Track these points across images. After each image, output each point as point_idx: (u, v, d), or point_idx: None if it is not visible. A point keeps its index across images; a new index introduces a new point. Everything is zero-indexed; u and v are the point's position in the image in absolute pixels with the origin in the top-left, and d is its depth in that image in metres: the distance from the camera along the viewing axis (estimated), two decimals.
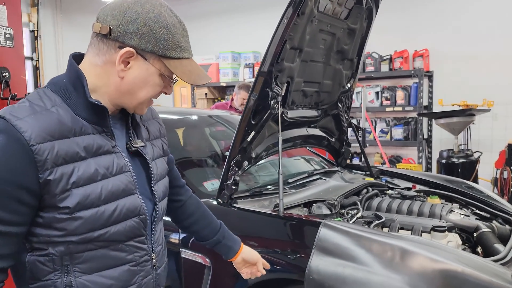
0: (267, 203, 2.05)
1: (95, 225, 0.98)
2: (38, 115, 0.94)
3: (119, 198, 1.01)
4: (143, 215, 1.07)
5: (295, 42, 2.07)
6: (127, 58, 0.99)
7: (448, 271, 1.44)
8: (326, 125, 2.83)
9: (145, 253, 1.09)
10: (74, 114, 0.99)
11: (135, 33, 0.97)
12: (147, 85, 1.03)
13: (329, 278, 1.50)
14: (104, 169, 1.00)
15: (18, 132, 0.90)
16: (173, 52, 1.01)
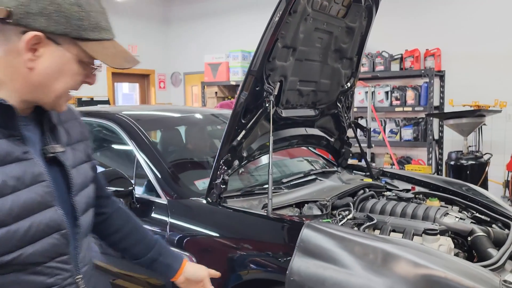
0: (256, 203, 2.04)
1: (7, 247, 0.83)
2: None
3: (35, 213, 0.87)
4: (64, 230, 0.93)
5: (288, 41, 2.05)
6: (34, 44, 0.84)
7: (431, 276, 1.40)
8: (325, 124, 2.80)
9: (69, 275, 0.95)
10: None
11: (40, 13, 0.83)
12: (64, 74, 0.89)
13: (309, 280, 1.48)
14: (14, 180, 0.84)
15: None
16: (90, 33, 0.88)
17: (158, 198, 2.07)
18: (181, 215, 1.95)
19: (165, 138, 2.75)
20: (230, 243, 1.79)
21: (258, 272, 1.69)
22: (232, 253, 1.75)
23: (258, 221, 1.81)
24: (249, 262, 1.70)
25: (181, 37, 8.19)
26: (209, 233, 1.85)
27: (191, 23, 7.99)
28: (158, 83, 8.31)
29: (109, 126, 2.48)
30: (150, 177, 2.13)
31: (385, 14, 6.00)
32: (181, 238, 1.89)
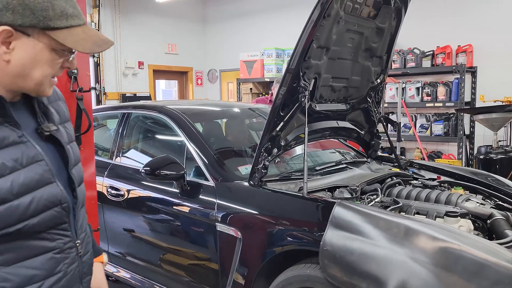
0: (293, 186, 2.28)
1: (11, 220, 0.91)
2: None
3: (35, 190, 0.94)
4: (65, 204, 1.01)
5: (322, 42, 2.27)
6: (6, 38, 0.89)
7: (447, 248, 1.60)
8: (356, 118, 3.00)
9: (69, 239, 1.03)
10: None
11: (5, 8, 0.87)
12: (39, 63, 0.94)
13: (340, 249, 1.72)
14: (12, 161, 0.91)
15: None
16: (57, 21, 0.91)
17: (206, 181, 2.35)
18: (227, 196, 2.23)
19: (209, 129, 3.03)
20: (270, 219, 2.05)
21: (294, 244, 1.94)
22: (271, 228, 2.01)
23: (295, 201, 2.06)
24: (286, 235, 1.96)
25: (218, 36, 8.51)
26: (252, 211, 2.12)
27: (227, 23, 8.29)
28: (195, 80, 8.67)
29: (160, 118, 2.79)
30: (199, 162, 2.42)
31: (417, 11, 6.09)
32: (227, 215, 2.16)
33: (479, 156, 4.69)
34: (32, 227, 0.94)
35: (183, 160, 2.51)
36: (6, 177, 0.90)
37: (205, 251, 2.32)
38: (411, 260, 1.61)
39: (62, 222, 1.01)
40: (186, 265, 2.48)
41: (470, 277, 1.54)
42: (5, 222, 0.90)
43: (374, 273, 1.63)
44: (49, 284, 0.99)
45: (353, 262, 1.68)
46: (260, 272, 2.05)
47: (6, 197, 0.90)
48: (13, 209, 0.91)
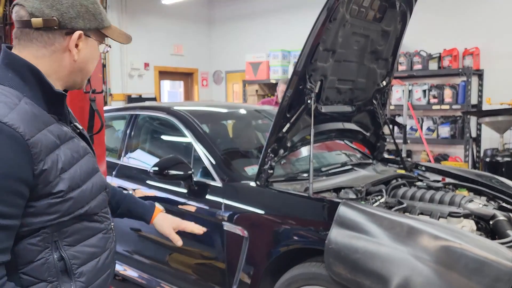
0: (299, 186, 2.32)
1: (82, 203, 1.07)
2: (17, 111, 0.96)
3: (91, 177, 1.11)
4: (108, 189, 1.22)
5: (328, 45, 2.31)
6: (78, 41, 1.06)
7: (449, 246, 1.64)
8: (362, 120, 3.04)
9: (110, 221, 1.22)
10: (36, 106, 1.02)
11: (77, 16, 1.04)
12: (94, 58, 1.13)
13: (345, 247, 1.75)
14: (75, 152, 1.07)
15: (11, 129, 0.92)
16: (105, 22, 1.11)
17: (213, 181, 2.39)
18: (234, 196, 2.27)
19: (216, 130, 3.08)
20: (276, 219, 2.09)
21: (300, 243, 1.98)
22: (277, 227, 2.05)
23: (301, 201, 2.10)
24: (292, 234, 2.00)
25: (223, 37, 8.57)
26: (258, 211, 2.16)
27: (233, 24, 8.35)
28: (201, 81, 8.74)
29: (168, 119, 2.84)
30: (206, 163, 2.47)
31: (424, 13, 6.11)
32: (234, 215, 2.21)
33: (485, 158, 4.70)
34: (92, 209, 1.11)
35: (190, 160, 2.55)
36: (75, 166, 1.06)
37: (212, 250, 2.36)
38: (414, 258, 1.64)
39: (106, 206, 1.20)
40: (193, 263, 2.53)
41: (471, 274, 1.57)
42: (78, 205, 1.06)
43: (378, 271, 1.67)
44: (103, 259, 1.16)
45: (358, 260, 1.72)
46: (266, 270, 2.09)
47: (78, 182, 1.05)
48: (83, 193, 1.07)
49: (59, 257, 1.04)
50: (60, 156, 1.02)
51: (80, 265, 1.09)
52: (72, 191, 1.03)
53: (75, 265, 1.08)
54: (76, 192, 1.04)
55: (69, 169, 1.04)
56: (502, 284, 1.54)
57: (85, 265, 1.10)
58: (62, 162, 1.02)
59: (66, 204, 1.03)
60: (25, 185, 0.95)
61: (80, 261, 1.09)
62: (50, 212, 1.00)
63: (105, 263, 1.17)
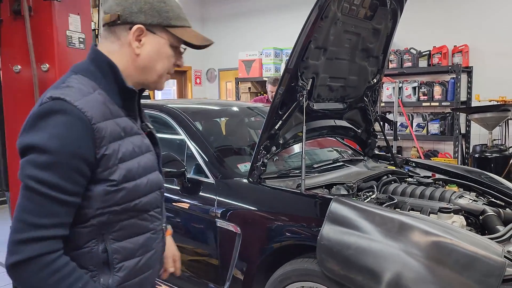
0: (291, 183, 2.34)
1: (134, 196, 1.10)
2: (89, 98, 1.03)
3: (148, 173, 1.14)
4: (163, 189, 1.24)
5: (320, 42, 2.33)
6: (138, 36, 1.10)
7: (440, 242, 1.67)
8: (353, 117, 3.06)
9: (160, 223, 1.23)
10: (109, 98, 1.09)
11: (139, 11, 1.09)
12: (161, 57, 1.14)
13: (337, 244, 1.77)
14: (137, 147, 1.12)
15: (80, 112, 1.00)
16: (175, 21, 1.13)
17: (206, 178, 2.40)
18: (226, 193, 2.28)
19: (209, 127, 3.09)
20: (268, 215, 2.10)
21: (292, 239, 2.00)
22: (270, 224, 2.07)
23: (293, 197, 2.12)
24: (284, 231, 2.02)
25: (216, 36, 8.54)
26: (251, 207, 2.18)
27: (226, 22, 8.33)
28: (194, 79, 8.71)
29: (161, 117, 2.84)
30: (199, 160, 2.47)
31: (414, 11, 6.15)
32: (227, 212, 2.22)
33: (474, 154, 4.76)
34: (143, 205, 1.13)
35: (183, 158, 2.56)
36: (134, 160, 1.10)
37: (205, 247, 2.37)
38: (405, 253, 1.67)
39: (158, 206, 1.21)
40: (187, 260, 2.53)
41: (461, 269, 1.60)
42: (130, 197, 1.09)
43: (370, 266, 1.69)
44: (145, 259, 1.17)
45: (350, 256, 1.74)
46: (259, 267, 2.11)
47: (134, 175, 1.09)
48: (137, 186, 1.10)
49: (103, 249, 1.08)
50: (122, 146, 1.07)
51: (122, 261, 1.11)
52: (126, 182, 1.07)
53: (116, 259, 1.10)
54: (130, 184, 1.08)
55: (128, 161, 1.08)
56: (493, 279, 1.57)
57: (127, 261, 1.12)
58: (122, 152, 1.07)
59: (119, 194, 1.06)
60: (87, 166, 1.01)
61: (122, 257, 1.11)
62: (104, 199, 1.04)
63: (147, 263, 1.18)
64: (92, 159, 1.01)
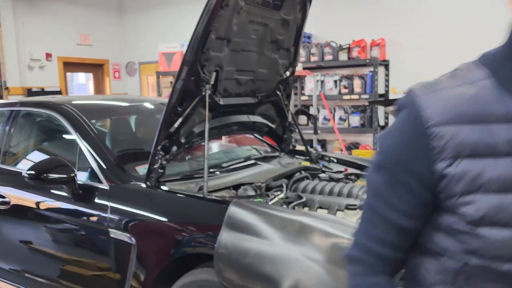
0: (193, 186, 2.17)
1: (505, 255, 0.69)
2: (445, 92, 0.74)
3: None
4: None
5: (221, 33, 2.17)
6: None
7: (339, 243, 1.58)
8: (266, 112, 2.95)
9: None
10: (500, 94, 0.72)
11: None
12: None
13: (235, 251, 1.63)
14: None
15: (416, 109, 0.73)
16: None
17: (100, 183, 2.16)
18: (121, 199, 2.06)
19: (113, 126, 2.82)
20: (166, 223, 1.92)
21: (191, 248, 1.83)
22: (167, 232, 1.88)
23: (192, 201, 1.95)
24: (183, 239, 1.84)
25: (135, 26, 8.13)
26: (147, 214, 1.98)
27: (145, 12, 7.94)
28: (112, 73, 8.23)
29: (52, 116, 2.54)
30: (91, 163, 2.22)
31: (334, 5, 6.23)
32: (121, 220, 2.00)
33: None
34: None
35: (76, 161, 2.29)
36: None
37: (101, 260, 2.14)
38: (305, 257, 1.57)
39: None
40: (84, 276, 2.28)
41: None
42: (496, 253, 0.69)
43: (269, 274, 1.57)
44: None
45: (248, 264, 1.61)
46: (158, 279, 1.92)
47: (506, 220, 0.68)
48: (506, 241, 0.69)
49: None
50: (492, 168, 0.69)
51: None
52: (486, 227, 0.69)
53: None
54: (496, 233, 0.68)
55: (502, 193, 0.68)
56: None
57: None
58: (489, 176, 0.68)
59: (473, 241, 0.70)
60: (417, 182, 0.73)
61: None
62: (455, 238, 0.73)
63: None
64: (426, 175, 0.72)
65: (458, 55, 5.74)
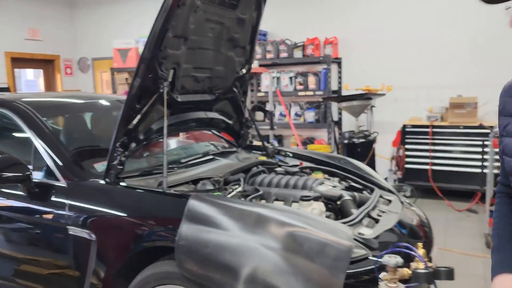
0: (153, 181, 2.21)
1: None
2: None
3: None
4: None
5: (178, 31, 2.21)
6: None
7: (294, 231, 1.69)
8: (223, 108, 3.02)
9: None
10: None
11: None
12: None
13: (195, 243, 1.70)
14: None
15: None
16: None
17: (57, 181, 2.15)
18: (79, 196, 2.06)
19: (69, 124, 2.78)
20: (126, 218, 1.94)
21: (152, 242, 1.87)
22: (127, 227, 1.91)
23: (152, 196, 1.99)
24: (144, 233, 1.88)
25: (88, 22, 7.91)
26: (106, 210, 1.99)
27: (98, 7, 7.75)
28: (64, 69, 7.97)
29: (4, 114, 2.47)
30: (47, 161, 2.20)
31: (288, 4, 6.37)
32: (80, 217, 2.00)
33: (344, 140, 5.10)
34: None
35: (31, 160, 2.26)
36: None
37: (60, 258, 2.12)
38: (263, 247, 1.65)
39: None
40: (45, 275, 2.25)
41: (314, 256, 1.63)
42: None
43: (228, 263, 1.65)
44: None
45: (208, 254, 1.68)
46: (119, 274, 1.95)
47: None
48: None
49: None
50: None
51: None
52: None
53: None
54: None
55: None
56: (342, 262, 1.62)
57: None
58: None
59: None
60: None
61: None
62: None
63: None
64: None
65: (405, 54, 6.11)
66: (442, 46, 5.51)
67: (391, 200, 2.50)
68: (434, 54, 5.54)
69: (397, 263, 1.45)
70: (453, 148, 5.04)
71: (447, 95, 5.31)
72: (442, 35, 5.51)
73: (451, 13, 5.47)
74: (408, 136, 5.23)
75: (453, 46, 5.48)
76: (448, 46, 5.50)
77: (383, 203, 2.43)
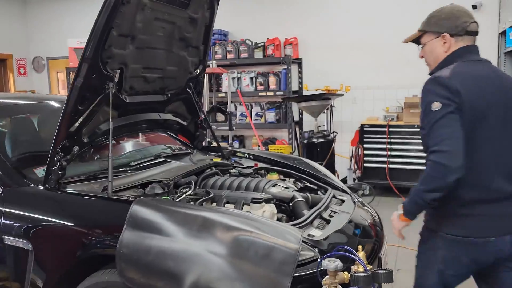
0: (97, 186, 2.11)
1: None
2: None
3: None
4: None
5: (124, 30, 2.13)
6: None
7: (240, 235, 1.64)
8: (177, 109, 2.95)
9: None
10: None
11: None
12: None
13: (137, 250, 1.63)
14: None
15: None
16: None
17: None
18: (16, 203, 1.95)
19: (13, 126, 2.64)
20: (66, 225, 1.85)
21: (94, 250, 1.79)
22: (66, 235, 1.82)
23: (95, 202, 1.90)
24: (84, 242, 1.79)
25: (42, 20, 7.61)
26: (45, 217, 1.89)
27: (52, 5, 7.46)
28: (17, 69, 7.63)
29: None
30: None
31: (248, 4, 6.35)
32: (15, 226, 1.89)
33: (303, 140, 5.12)
34: None
35: None
36: None
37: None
38: (208, 252, 1.60)
39: None
40: None
41: (260, 260, 1.59)
42: None
43: (172, 271, 1.59)
44: None
45: (150, 262, 1.61)
46: (59, 285, 1.85)
47: None
48: None
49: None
50: None
51: None
52: None
53: None
54: None
55: None
56: (288, 266, 1.59)
57: None
58: None
59: None
60: None
61: None
62: None
63: None
64: None
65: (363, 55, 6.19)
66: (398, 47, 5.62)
67: (344, 200, 2.51)
68: (391, 55, 5.66)
69: (336, 267, 1.43)
70: (409, 146, 5.16)
71: (403, 95, 5.44)
72: (398, 37, 5.62)
73: (406, 16, 5.61)
74: (366, 136, 5.32)
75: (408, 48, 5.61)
76: (404, 48, 5.63)
77: (336, 203, 2.43)
